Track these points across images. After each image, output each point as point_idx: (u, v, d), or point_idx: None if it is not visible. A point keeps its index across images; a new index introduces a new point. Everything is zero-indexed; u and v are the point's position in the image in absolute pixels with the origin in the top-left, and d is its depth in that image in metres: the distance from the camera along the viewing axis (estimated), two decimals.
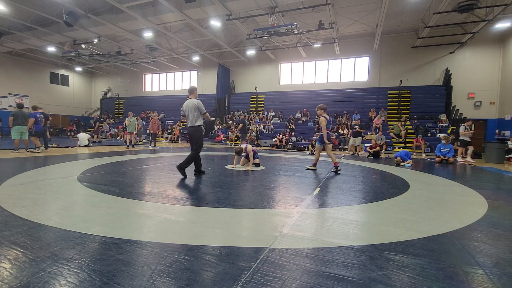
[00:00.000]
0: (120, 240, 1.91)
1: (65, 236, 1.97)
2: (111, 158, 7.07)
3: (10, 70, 20.29)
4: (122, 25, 13.67)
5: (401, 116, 15.03)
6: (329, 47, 16.42)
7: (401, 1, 11.82)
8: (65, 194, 3.22)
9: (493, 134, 13.79)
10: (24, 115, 8.35)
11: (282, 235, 2.10)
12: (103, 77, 26.39)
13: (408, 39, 15.45)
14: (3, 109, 19.62)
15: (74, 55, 17.13)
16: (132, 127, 11.37)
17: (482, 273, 1.61)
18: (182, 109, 4.72)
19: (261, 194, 3.52)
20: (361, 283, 1.45)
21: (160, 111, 22.02)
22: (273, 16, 11.60)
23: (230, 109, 20.18)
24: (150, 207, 2.80)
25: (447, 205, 3.22)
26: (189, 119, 4.59)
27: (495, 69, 14.17)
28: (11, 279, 1.40)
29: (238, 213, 2.68)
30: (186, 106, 4.64)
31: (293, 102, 18.30)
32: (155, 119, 11.88)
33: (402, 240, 2.06)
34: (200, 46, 17.75)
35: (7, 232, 2.01)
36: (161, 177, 4.58)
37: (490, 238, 2.19)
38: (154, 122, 11.75)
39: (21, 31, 15.36)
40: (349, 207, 2.97)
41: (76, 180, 4.01)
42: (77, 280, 1.39)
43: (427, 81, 15.68)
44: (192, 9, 11.80)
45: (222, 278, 1.45)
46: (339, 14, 13.23)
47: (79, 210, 2.66)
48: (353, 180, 4.79)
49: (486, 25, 12.00)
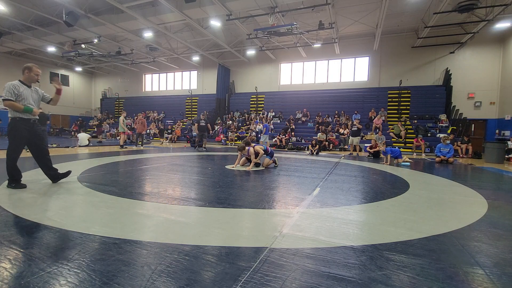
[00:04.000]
0: (120, 240, 1.91)
1: (65, 236, 1.97)
2: (111, 158, 7.07)
3: (10, 70, 20.28)
4: (122, 25, 13.67)
5: (401, 116, 15.03)
6: (329, 47, 16.43)
7: (401, 1, 11.83)
8: (65, 194, 3.22)
9: (493, 134, 13.79)
10: None
11: (282, 235, 2.10)
12: (103, 77, 26.39)
13: (408, 39, 15.46)
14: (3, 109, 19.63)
15: (74, 55, 17.15)
16: (124, 126, 11.35)
17: (482, 273, 1.61)
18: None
19: (261, 194, 3.52)
20: (361, 283, 1.45)
21: (160, 111, 22.06)
22: (273, 16, 11.60)
23: (230, 109, 20.20)
24: (150, 207, 2.80)
25: (447, 205, 3.22)
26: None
27: (495, 69, 14.17)
28: (11, 279, 1.40)
29: (238, 213, 2.68)
30: None
31: (293, 102, 18.31)
32: (140, 118, 11.88)
33: (402, 240, 2.05)
34: (200, 46, 17.76)
35: (7, 232, 2.01)
36: (161, 177, 4.58)
37: (490, 238, 2.19)
38: (140, 122, 11.76)
39: (21, 31, 15.36)
40: (349, 207, 2.97)
41: (76, 180, 4.01)
42: (77, 280, 1.39)
43: (427, 81, 15.69)
44: (192, 9, 11.80)
45: (222, 278, 1.45)
46: (339, 14, 13.23)
47: (79, 210, 2.66)
48: (353, 180, 4.79)
49: (486, 25, 12.00)
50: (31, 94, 3.45)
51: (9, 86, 3.26)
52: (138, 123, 11.80)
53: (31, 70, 3.44)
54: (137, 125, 11.86)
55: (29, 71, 3.43)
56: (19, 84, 3.35)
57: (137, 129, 11.84)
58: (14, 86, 3.27)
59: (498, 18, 11.55)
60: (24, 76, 3.44)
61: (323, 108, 17.03)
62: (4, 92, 3.25)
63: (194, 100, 21.54)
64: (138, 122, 11.79)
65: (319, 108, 17.15)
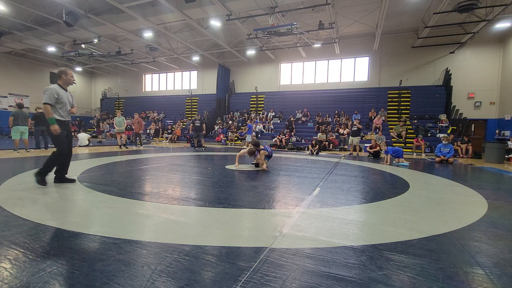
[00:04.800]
0: (120, 240, 1.91)
1: (65, 236, 1.97)
2: (111, 158, 7.07)
3: (10, 70, 20.29)
4: (122, 25, 13.67)
5: (401, 116, 15.03)
6: (329, 47, 16.42)
7: (401, 1, 11.82)
8: (65, 194, 3.22)
9: (493, 134, 13.79)
10: (24, 115, 8.36)
11: (282, 235, 2.10)
12: (103, 77, 26.39)
13: (408, 39, 15.45)
14: (3, 109, 19.63)
15: (74, 55, 17.14)
16: (120, 126, 11.18)
17: (482, 273, 1.61)
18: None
19: (261, 194, 3.52)
20: (361, 283, 1.45)
21: (160, 111, 22.06)
22: (273, 16, 11.59)
23: (230, 109, 20.20)
24: (150, 207, 2.80)
25: (447, 205, 3.22)
26: None
27: (495, 69, 14.17)
28: (11, 279, 1.40)
29: (238, 213, 2.68)
30: None
31: (293, 102, 18.31)
32: (137, 118, 12.00)
33: (402, 240, 2.06)
34: (200, 46, 17.75)
35: (7, 232, 2.01)
36: (161, 177, 4.58)
37: (490, 238, 2.19)
38: (137, 122, 11.89)
39: (21, 31, 15.36)
40: (349, 207, 2.97)
41: (76, 180, 4.01)
42: (77, 280, 1.39)
43: (427, 81, 15.69)
44: (192, 9, 11.80)
45: (222, 278, 1.45)
46: (339, 14, 13.23)
47: (79, 210, 2.66)
48: (353, 180, 4.79)
49: (486, 25, 12.00)
50: (67, 97, 3.70)
51: (50, 90, 3.49)
52: (135, 123, 11.96)
53: (67, 73, 3.69)
54: (134, 125, 12.01)
55: (65, 75, 3.68)
56: (58, 88, 3.59)
57: (135, 129, 12.01)
58: (55, 91, 3.51)
59: (498, 18, 11.55)
60: (62, 80, 3.68)
61: (323, 108, 17.03)
62: (44, 96, 3.47)
63: (194, 100, 21.54)
64: (135, 122, 11.95)
65: (319, 108, 17.15)
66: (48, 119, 3.46)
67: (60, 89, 3.59)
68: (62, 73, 3.65)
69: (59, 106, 3.57)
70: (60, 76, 3.65)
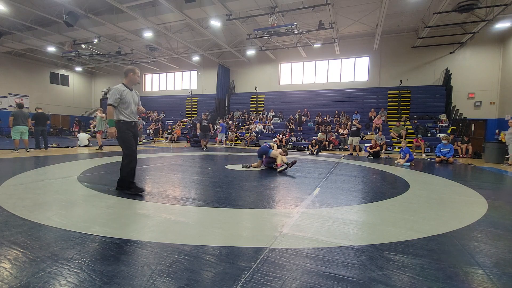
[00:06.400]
0: (120, 240, 1.91)
1: (65, 236, 1.97)
2: (111, 158, 7.07)
3: (10, 70, 20.27)
4: (122, 25, 13.66)
5: (401, 116, 15.03)
6: (329, 47, 16.42)
7: (401, 1, 11.82)
8: (65, 194, 3.22)
9: (493, 134, 13.77)
10: (24, 115, 8.35)
11: (282, 235, 2.10)
12: (103, 77, 26.38)
13: (408, 39, 15.45)
14: (3, 109, 19.62)
15: (74, 55, 17.13)
16: (100, 125, 10.42)
17: (482, 273, 1.61)
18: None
19: (261, 194, 3.52)
20: (361, 283, 1.45)
21: (160, 111, 22.05)
22: (273, 16, 11.59)
23: (230, 109, 20.19)
24: (150, 207, 2.80)
25: (447, 205, 3.22)
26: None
27: (495, 69, 14.16)
28: (11, 279, 1.40)
29: (238, 213, 2.68)
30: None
31: (293, 102, 18.31)
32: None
33: (402, 240, 2.06)
34: (200, 46, 17.75)
35: (7, 232, 2.01)
36: (161, 177, 4.58)
37: (490, 238, 2.19)
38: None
39: (21, 31, 15.35)
40: (349, 207, 2.97)
41: (76, 180, 4.01)
42: (77, 280, 1.39)
43: (427, 81, 15.68)
44: (192, 9, 11.79)
45: (222, 278, 1.45)
46: (339, 14, 13.23)
47: (79, 210, 2.66)
48: (353, 180, 4.79)
49: (486, 25, 12.00)
50: (132, 96, 3.44)
51: (113, 91, 3.28)
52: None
53: (135, 72, 3.44)
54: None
55: (133, 73, 3.42)
56: (123, 87, 3.35)
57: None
58: (118, 91, 3.28)
59: (498, 18, 11.55)
60: (128, 79, 3.43)
61: (323, 108, 17.03)
62: (109, 96, 3.29)
63: (194, 100, 21.54)
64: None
65: (319, 108, 17.15)
66: (108, 121, 3.28)
67: (124, 88, 3.35)
68: (130, 71, 3.41)
69: (124, 107, 3.32)
70: (127, 74, 3.41)
